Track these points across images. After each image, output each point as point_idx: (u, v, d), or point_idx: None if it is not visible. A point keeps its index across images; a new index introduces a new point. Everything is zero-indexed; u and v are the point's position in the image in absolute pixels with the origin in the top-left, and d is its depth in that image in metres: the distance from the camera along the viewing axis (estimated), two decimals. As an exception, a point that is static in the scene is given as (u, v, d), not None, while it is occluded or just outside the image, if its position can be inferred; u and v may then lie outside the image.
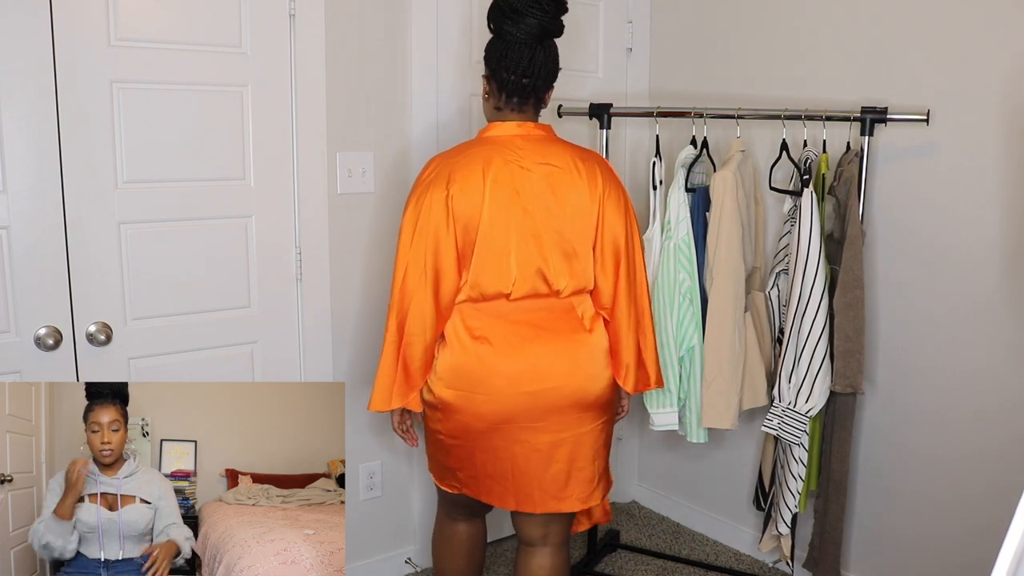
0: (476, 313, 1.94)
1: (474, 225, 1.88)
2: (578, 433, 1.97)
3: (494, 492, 2.00)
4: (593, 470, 2.01)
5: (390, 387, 1.96)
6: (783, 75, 2.63)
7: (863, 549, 2.57)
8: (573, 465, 1.97)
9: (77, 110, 1.98)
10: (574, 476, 1.98)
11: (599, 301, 2.00)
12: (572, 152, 1.98)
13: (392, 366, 1.96)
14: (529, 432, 1.94)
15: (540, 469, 1.96)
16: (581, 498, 2.00)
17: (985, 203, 2.19)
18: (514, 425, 1.93)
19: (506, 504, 2.01)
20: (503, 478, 1.98)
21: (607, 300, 1.99)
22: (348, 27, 2.38)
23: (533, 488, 1.97)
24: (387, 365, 1.96)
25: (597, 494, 2.04)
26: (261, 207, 2.30)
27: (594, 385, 1.97)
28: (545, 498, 1.99)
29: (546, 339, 1.94)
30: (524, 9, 1.90)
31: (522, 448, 1.95)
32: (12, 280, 1.96)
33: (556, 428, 1.95)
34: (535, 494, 1.98)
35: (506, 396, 1.92)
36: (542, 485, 1.97)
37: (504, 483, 1.98)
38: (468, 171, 1.90)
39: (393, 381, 1.96)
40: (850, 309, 2.21)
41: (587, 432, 1.98)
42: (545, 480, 1.97)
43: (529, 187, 1.90)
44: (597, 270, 1.98)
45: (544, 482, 1.97)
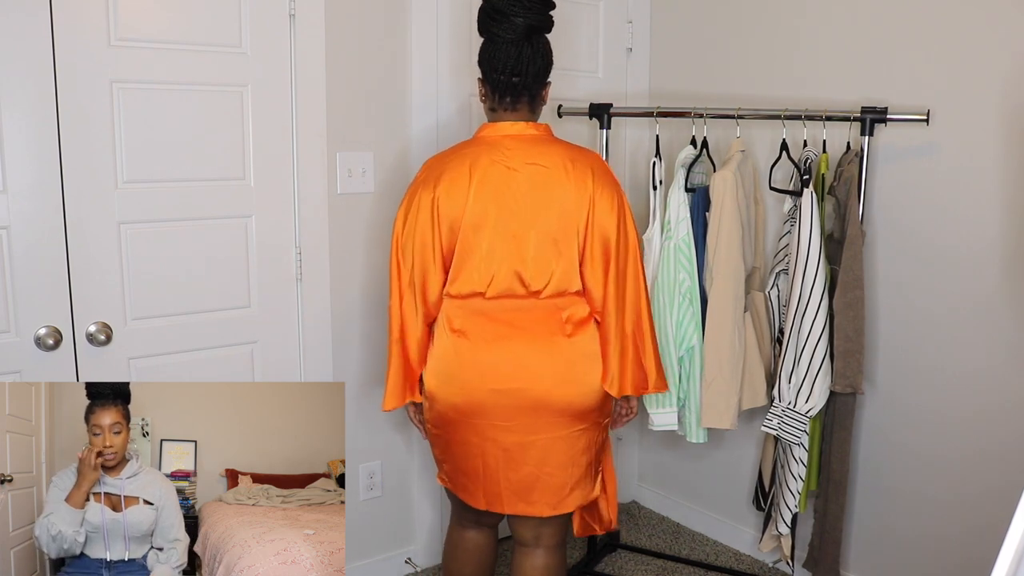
0: (458, 309, 1.96)
1: (458, 225, 1.91)
2: (550, 437, 1.94)
3: (468, 489, 2.03)
4: (564, 477, 1.97)
5: (402, 384, 2.02)
6: (783, 75, 2.63)
7: (863, 549, 2.57)
8: (542, 470, 1.96)
9: (77, 110, 1.98)
10: (543, 481, 1.96)
11: (591, 303, 1.97)
12: (565, 152, 1.96)
13: (401, 364, 2.01)
14: (498, 431, 1.94)
15: (508, 469, 1.96)
16: (551, 504, 1.98)
17: (985, 203, 2.19)
18: (484, 421, 1.94)
19: (478, 503, 2.02)
20: (475, 475, 2.00)
21: (598, 302, 1.96)
22: (348, 27, 2.38)
23: (501, 488, 1.98)
24: (396, 363, 2.01)
25: (571, 501, 2.00)
26: (261, 207, 2.30)
27: (568, 391, 1.93)
28: (513, 499, 1.99)
29: (522, 339, 1.94)
30: (507, 9, 1.91)
31: (492, 447, 1.96)
32: (12, 280, 1.96)
33: (525, 430, 1.94)
34: (503, 494, 1.98)
35: (475, 390, 1.93)
36: (510, 486, 1.97)
37: (476, 480, 2.00)
38: (455, 172, 1.92)
39: (403, 378, 2.02)
40: (850, 309, 2.21)
41: (560, 437, 1.95)
42: (513, 481, 1.97)
43: (514, 187, 1.91)
44: (586, 271, 1.94)
45: (512, 483, 1.97)
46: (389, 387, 2.02)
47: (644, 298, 1.99)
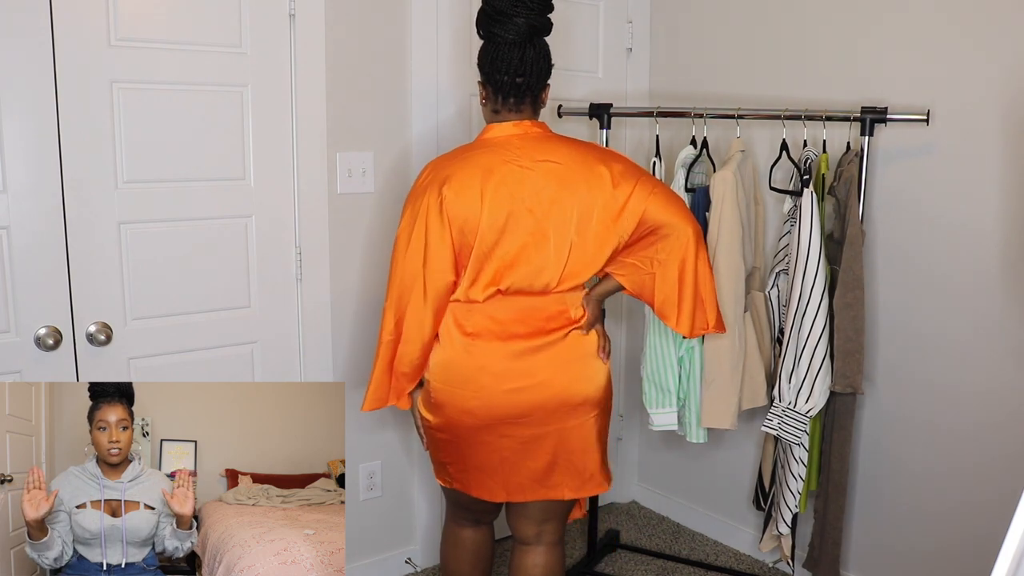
0: (467, 312, 1.95)
1: (472, 227, 1.89)
2: (563, 427, 1.97)
3: (484, 485, 2.02)
4: (584, 461, 2.01)
5: (386, 386, 2.00)
6: (783, 75, 2.63)
7: (863, 549, 2.57)
8: (559, 456, 1.98)
9: (77, 110, 1.98)
10: (561, 466, 1.99)
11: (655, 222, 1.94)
12: (571, 146, 1.98)
13: (388, 366, 1.99)
14: (515, 427, 1.96)
15: (528, 459, 1.98)
16: (572, 487, 2.02)
17: (985, 203, 2.19)
18: (500, 421, 1.95)
19: (496, 496, 2.02)
20: (492, 471, 2.00)
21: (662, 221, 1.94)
22: (348, 27, 2.38)
23: (522, 477, 1.99)
24: (383, 365, 1.99)
25: (590, 486, 2.03)
26: (261, 207, 2.30)
27: (582, 386, 1.97)
28: (535, 487, 2.00)
29: (535, 339, 1.95)
30: (510, 10, 1.90)
31: (509, 441, 1.97)
32: (12, 280, 1.96)
33: (540, 423, 1.96)
34: (524, 483, 2.00)
35: (491, 393, 1.93)
36: (531, 475, 1.99)
37: (494, 475, 2.00)
38: (465, 174, 1.91)
39: (389, 380, 2.00)
40: (850, 309, 2.21)
41: (576, 426, 1.98)
42: (533, 469, 1.99)
43: (530, 185, 1.91)
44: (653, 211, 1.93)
45: (533, 471, 1.99)
46: (371, 388, 2.00)
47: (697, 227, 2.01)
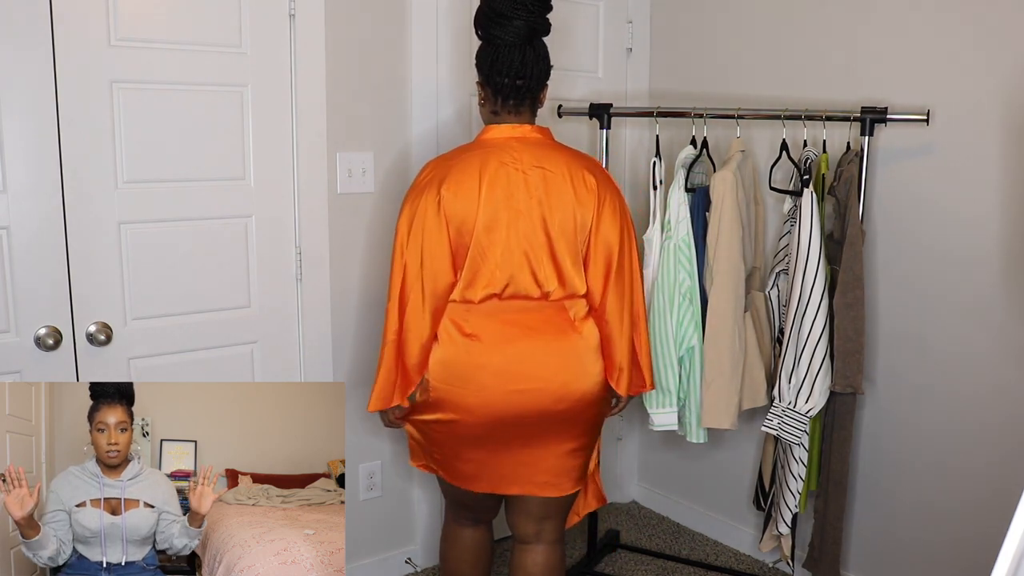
0: (466, 313, 1.96)
1: (468, 228, 1.90)
2: (566, 423, 1.99)
3: (483, 479, 2.03)
4: (584, 456, 2.05)
5: (392, 386, 2.00)
6: (783, 75, 2.63)
7: (863, 549, 2.57)
8: (560, 448, 2.00)
9: (77, 110, 1.98)
10: (563, 459, 2.01)
11: (591, 303, 2.02)
12: (567, 157, 1.99)
13: (393, 366, 1.99)
14: (516, 426, 1.97)
15: (529, 454, 1.99)
16: (573, 479, 2.05)
17: (985, 203, 2.19)
18: (501, 420, 1.96)
19: (495, 487, 2.03)
20: (490, 465, 2.01)
21: (596, 302, 2.01)
22: (348, 27, 2.38)
23: (537, 471, 2.00)
24: (389, 365, 1.99)
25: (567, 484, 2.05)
26: (261, 207, 2.30)
27: (581, 383, 1.98)
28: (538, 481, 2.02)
29: (534, 339, 1.96)
30: (510, 12, 1.90)
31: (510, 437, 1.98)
32: (12, 280, 1.96)
33: (542, 420, 1.97)
34: (536, 476, 2.01)
35: (493, 392, 1.94)
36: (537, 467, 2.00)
37: (494, 469, 2.01)
38: (463, 174, 1.91)
39: (395, 381, 2.00)
40: (850, 309, 2.21)
41: (577, 423, 2.01)
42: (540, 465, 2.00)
43: (524, 190, 1.92)
44: (589, 274, 1.99)
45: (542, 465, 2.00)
46: (377, 388, 2.00)
47: (642, 301, 2.10)
